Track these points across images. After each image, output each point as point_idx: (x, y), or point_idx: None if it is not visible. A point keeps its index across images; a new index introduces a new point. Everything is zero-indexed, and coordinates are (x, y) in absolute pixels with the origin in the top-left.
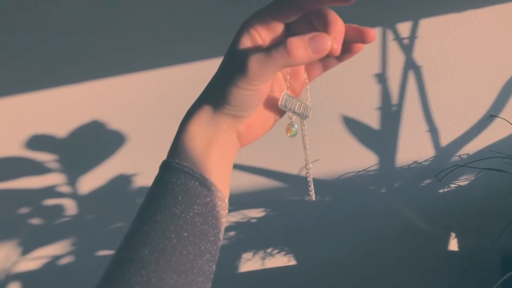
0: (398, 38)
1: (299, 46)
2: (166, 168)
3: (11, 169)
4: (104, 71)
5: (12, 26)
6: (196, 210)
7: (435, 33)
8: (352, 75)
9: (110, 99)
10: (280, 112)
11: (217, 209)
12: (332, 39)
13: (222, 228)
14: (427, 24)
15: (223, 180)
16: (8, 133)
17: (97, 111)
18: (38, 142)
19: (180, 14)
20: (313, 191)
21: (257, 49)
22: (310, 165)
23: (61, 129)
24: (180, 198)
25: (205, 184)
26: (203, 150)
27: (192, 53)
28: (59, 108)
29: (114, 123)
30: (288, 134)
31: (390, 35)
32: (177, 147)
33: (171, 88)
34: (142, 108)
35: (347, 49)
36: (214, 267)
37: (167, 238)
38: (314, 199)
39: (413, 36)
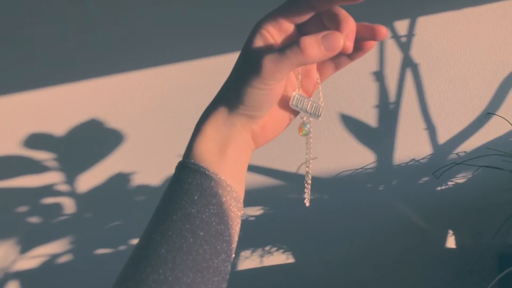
0: (395, 36)
1: (312, 44)
2: (182, 168)
3: (10, 168)
4: (102, 70)
5: (11, 27)
6: (212, 210)
7: (433, 31)
8: (349, 73)
9: (108, 98)
10: (294, 113)
11: (233, 209)
12: (344, 37)
13: (237, 229)
14: (424, 22)
15: (238, 180)
16: (6, 132)
17: (95, 110)
18: (36, 140)
19: (178, 12)
20: (308, 196)
21: (270, 49)
22: (311, 165)
23: (59, 127)
24: (196, 198)
25: (221, 185)
26: (219, 150)
27: (191, 52)
28: (57, 107)
29: (113, 121)
30: (300, 133)
31: (387, 33)
32: (193, 148)
33: (169, 87)
34: (140, 106)
35: (358, 47)
36: (229, 267)
37: (184, 237)
38: (308, 204)
39: (410, 34)
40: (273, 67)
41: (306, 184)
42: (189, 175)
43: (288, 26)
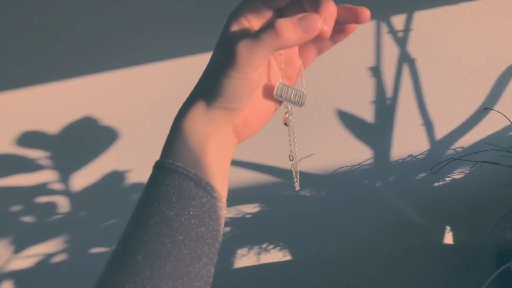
0: (392, 31)
1: (288, 26)
2: (160, 168)
3: (2, 166)
4: (96, 67)
5: (9, 24)
6: (191, 212)
7: (430, 25)
8: (346, 68)
9: (103, 95)
10: (277, 103)
11: (214, 210)
12: (323, 21)
13: (221, 229)
14: (421, 17)
15: (221, 178)
16: None
17: (89, 107)
18: (29, 139)
19: (175, 8)
20: (297, 181)
21: (246, 34)
22: (296, 154)
23: (53, 125)
24: (174, 200)
25: (201, 185)
26: (198, 148)
27: (187, 47)
28: (51, 105)
29: (107, 119)
30: (287, 124)
31: (384, 28)
32: (171, 146)
33: (164, 83)
34: (135, 103)
35: (340, 29)
36: (212, 270)
37: (161, 242)
38: (297, 189)
39: (407, 29)
40: (248, 53)
41: (294, 172)
42: (167, 175)
43: (266, 12)
